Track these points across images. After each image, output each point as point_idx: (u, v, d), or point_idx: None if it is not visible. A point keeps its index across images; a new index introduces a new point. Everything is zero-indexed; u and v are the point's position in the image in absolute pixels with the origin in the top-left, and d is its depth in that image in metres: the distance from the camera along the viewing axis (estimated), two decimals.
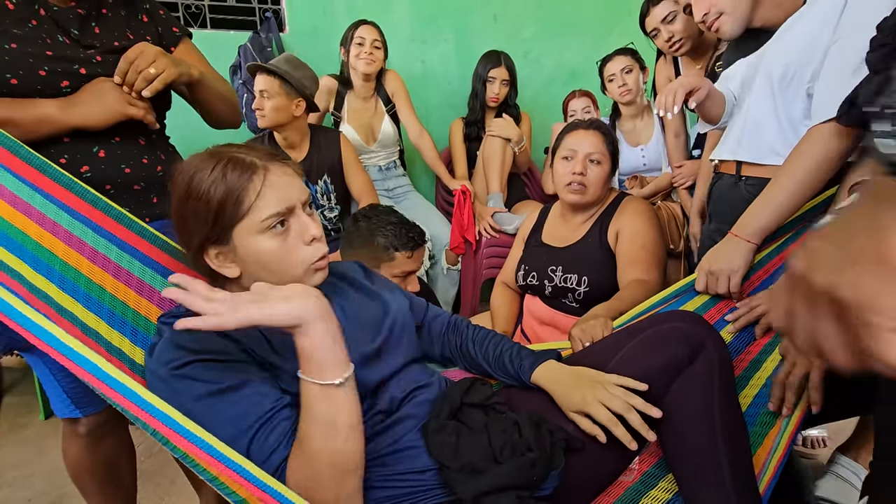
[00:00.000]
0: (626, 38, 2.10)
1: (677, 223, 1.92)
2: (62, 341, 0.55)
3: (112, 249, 0.84)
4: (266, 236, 0.70)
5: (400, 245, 1.29)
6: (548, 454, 0.71)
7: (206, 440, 0.54)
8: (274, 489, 0.54)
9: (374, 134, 2.20)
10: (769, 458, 0.81)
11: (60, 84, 0.89)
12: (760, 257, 1.04)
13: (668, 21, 1.73)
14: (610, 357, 0.82)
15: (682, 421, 0.76)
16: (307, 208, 0.75)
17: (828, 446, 1.53)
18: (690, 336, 0.79)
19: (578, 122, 1.41)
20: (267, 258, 0.71)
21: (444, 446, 0.70)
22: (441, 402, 0.77)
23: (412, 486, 0.70)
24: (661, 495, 0.80)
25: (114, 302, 0.80)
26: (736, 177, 1.15)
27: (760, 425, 0.88)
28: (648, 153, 2.11)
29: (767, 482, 0.78)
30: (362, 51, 2.07)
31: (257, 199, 0.69)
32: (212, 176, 0.68)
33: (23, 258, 0.74)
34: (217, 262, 0.72)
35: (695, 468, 0.74)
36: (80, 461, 1.04)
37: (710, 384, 0.76)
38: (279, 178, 0.71)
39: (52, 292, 0.74)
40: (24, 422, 1.81)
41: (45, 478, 1.51)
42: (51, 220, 0.79)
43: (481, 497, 0.66)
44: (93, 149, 0.93)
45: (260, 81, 1.76)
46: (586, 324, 1.01)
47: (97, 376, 0.55)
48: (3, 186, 0.76)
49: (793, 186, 0.96)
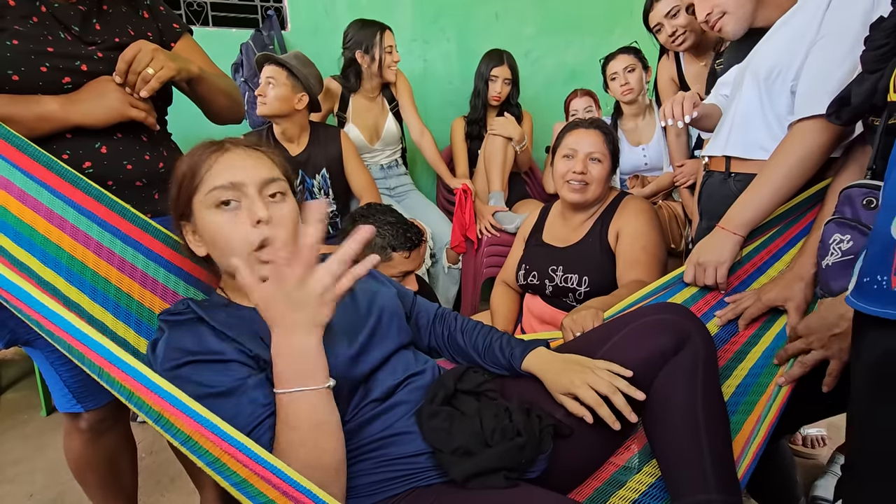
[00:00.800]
0: (627, 38, 2.10)
1: (678, 222, 1.93)
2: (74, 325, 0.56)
3: (117, 243, 0.86)
4: (216, 211, 0.72)
5: (397, 245, 1.29)
6: (536, 439, 0.74)
7: (210, 419, 0.55)
8: (275, 466, 0.55)
9: (378, 132, 2.20)
10: (748, 444, 0.84)
11: (62, 80, 0.90)
12: (748, 251, 1.08)
13: (672, 16, 1.74)
14: (599, 347, 0.85)
15: (665, 408, 0.79)
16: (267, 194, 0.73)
17: (827, 445, 1.53)
18: (676, 327, 0.81)
19: (579, 122, 1.41)
20: (214, 233, 0.72)
21: (439, 431, 0.73)
22: (435, 387, 0.79)
23: (406, 469, 0.72)
24: (645, 479, 0.83)
25: (119, 294, 0.83)
26: (725, 173, 1.16)
27: (742, 413, 0.91)
28: (650, 152, 2.11)
29: (746, 466, 0.81)
30: (391, 60, 2.08)
31: (208, 172, 0.73)
32: (183, 159, 0.76)
33: (32, 252, 0.76)
34: (193, 239, 0.77)
35: (676, 454, 0.76)
36: (81, 456, 1.04)
37: (695, 373, 0.79)
38: (237, 156, 0.74)
39: (60, 285, 0.77)
40: (25, 418, 1.82)
41: (47, 474, 1.51)
42: (58, 216, 0.80)
43: (472, 477, 0.69)
44: (95, 145, 0.94)
45: (267, 70, 1.78)
46: (578, 314, 1.04)
47: (107, 358, 0.56)
48: (11, 183, 0.78)
49: (777, 181, 0.99)
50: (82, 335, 0.56)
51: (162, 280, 0.89)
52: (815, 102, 0.94)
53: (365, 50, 2.06)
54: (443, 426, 0.73)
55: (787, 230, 1.07)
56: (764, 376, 0.95)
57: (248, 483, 0.56)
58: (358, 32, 2.06)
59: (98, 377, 0.59)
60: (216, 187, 0.71)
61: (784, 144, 1.00)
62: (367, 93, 2.17)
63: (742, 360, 0.99)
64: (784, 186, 0.99)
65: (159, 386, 0.55)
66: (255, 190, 0.72)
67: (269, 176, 0.74)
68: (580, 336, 0.97)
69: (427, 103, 2.40)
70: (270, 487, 0.56)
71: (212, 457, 0.56)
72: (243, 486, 0.57)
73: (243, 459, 0.55)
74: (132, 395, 0.57)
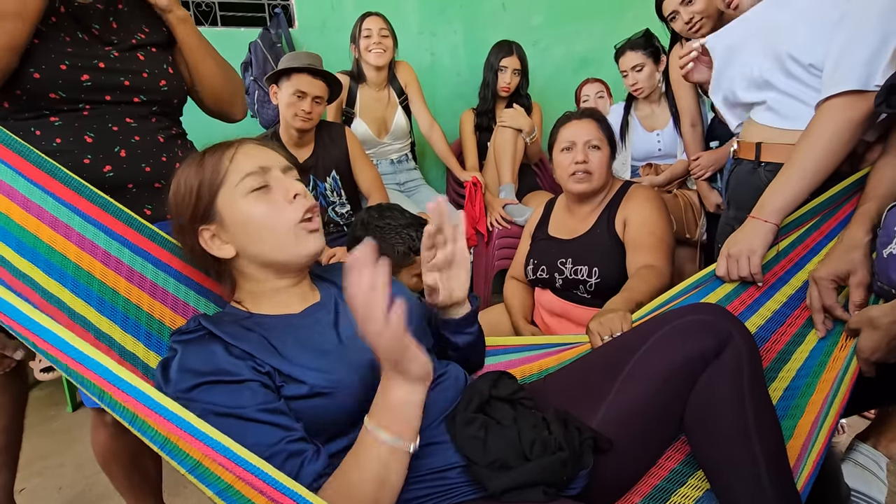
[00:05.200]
0: (638, 24, 2.06)
1: (694, 211, 1.90)
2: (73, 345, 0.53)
3: (125, 252, 0.83)
4: (249, 199, 0.71)
5: (419, 248, 1.29)
6: (577, 453, 0.70)
7: (223, 442, 0.52)
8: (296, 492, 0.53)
9: (387, 126, 2.20)
10: (807, 453, 0.78)
11: (81, 78, 0.92)
12: (784, 245, 1.02)
13: (688, 3, 1.70)
14: (634, 351, 0.80)
15: (711, 413, 0.74)
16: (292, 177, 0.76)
17: (846, 433, 1.51)
18: (716, 328, 0.76)
19: (571, 114, 1.42)
20: (255, 224, 0.72)
21: (474, 441, 0.69)
22: (469, 393, 0.75)
23: (436, 486, 0.68)
24: (691, 493, 0.77)
25: (127, 305, 0.79)
26: (755, 162, 1.13)
27: (791, 418, 0.85)
28: (664, 138, 2.08)
29: (807, 477, 0.75)
30: (371, 42, 2.07)
31: (231, 163, 0.72)
32: (193, 164, 0.74)
33: (35, 263, 0.73)
34: (213, 245, 0.74)
35: (727, 462, 0.71)
36: (107, 449, 1.07)
37: (740, 375, 0.74)
38: (254, 146, 0.76)
39: (66, 297, 0.74)
40: (52, 414, 1.88)
41: (75, 468, 1.56)
42: (63, 224, 0.78)
43: (510, 491, 0.66)
44: (114, 149, 0.96)
45: (315, 87, 1.73)
46: (604, 317, 0.98)
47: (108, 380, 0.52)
48: (15, 190, 0.76)
49: (809, 163, 0.94)
50: (81, 355, 0.53)
51: (172, 290, 0.85)
52: (842, 79, 0.90)
53: (352, 40, 2.09)
54: (478, 435, 0.69)
55: (824, 223, 1.01)
56: (813, 375, 0.89)
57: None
58: (353, 27, 2.10)
59: (100, 400, 0.54)
60: (248, 174, 0.72)
61: (813, 124, 0.95)
62: (374, 85, 2.17)
63: (787, 361, 0.93)
64: (816, 168, 0.94)
65: (166, 408, 0.52)
66: (280, 172, 0.75)
67: (287, 162, 0.77)
68: (611, 340, 0.92)
69: (435, 96, 2.40)
70: None
71: (224, 484, 0.53)
72: None
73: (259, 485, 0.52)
74: (136, 418, 0.53)
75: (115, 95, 0.97)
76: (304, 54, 1.87)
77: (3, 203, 0.74)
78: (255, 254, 0.74)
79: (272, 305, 0.76)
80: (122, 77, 0.96)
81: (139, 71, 0.99)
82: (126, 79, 0.97)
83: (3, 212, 0.74)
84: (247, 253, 0.74)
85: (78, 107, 0.94)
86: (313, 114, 1.74)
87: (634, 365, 0.78)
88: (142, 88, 0.99)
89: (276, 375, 0.66)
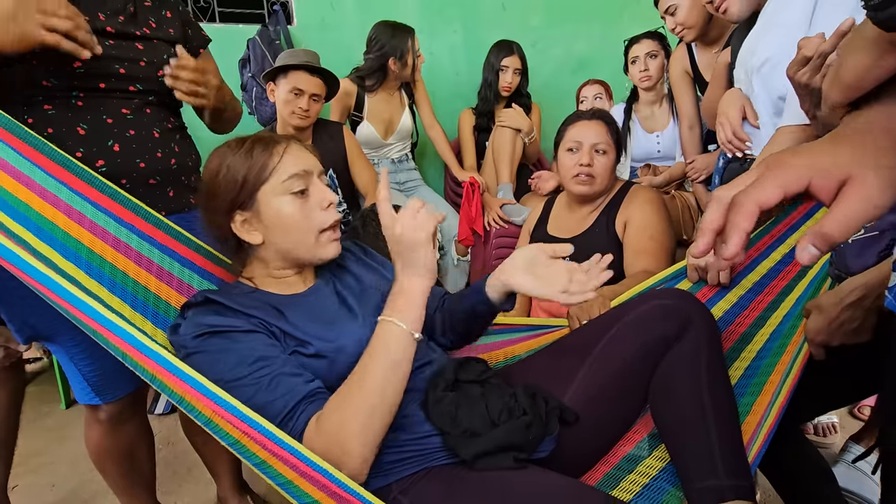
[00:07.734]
0: (635, 26, 2.08)
1: (691, 213, 1.91)
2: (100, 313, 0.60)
3: (133, 238, 0.89)
4: (288, 199, 0.78)
5: None
6: (542, 419, 0.76)
7: (230, 401, 0.58)
8: (294, 448, 0.58)
9: (393, 127, 2.20)
10: (759, 427, 0.83)
11: (73, 65, 0.89)
12: (753, 235, 1.05)
13: (671, 13, 1.74)
14: (603, 334, 0.86)
15: (670, 394, 0.79)
16: (324, 182, 0.83)
17: (838, 433, 1.52)
18: (678, 312, 0.82)
19: (581, 113, 1.41)
20: (288, 220, 0.78)
21: (444, 416, 0.75)
22: (436, 378, 0.80)
23: (417, 449, 0.74)
24: (656, 463, 0.83)
25: (136, 287, 0.87)
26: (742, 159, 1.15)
27: (751, 395, 0.90)
28: (664, 140, 2.09)
29: (757, 449, 0.81)
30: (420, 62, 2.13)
31: (279, 162, 0.78)
32: (240, 151, 0.80)
33: (53, 246, 0.80)
34: (242, 228, 0.80)
35: (684, 439, 0.77)
36: (101, 446, 1.07)
37: (698, 358, 0.79)
38: (298, 149, 0.82)
39: (81, 278, 0.80)
40: (46, 410, 1.87)
41: (68, 464, 1.55)
42: (77, 212, 0.84)
43: (481, 457, 0.71)
44: (108, 143, 0.95)
45: (313, 84, 1.73)
46: (585, 303, 1.02)
47: (130, 342, 0.59)
48: (34, 181, 0.82)
49: None
50: (107, 321, 0.60)
51: (177, 273, 0.92)
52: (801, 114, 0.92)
53: (398, 56, 2.05)
54: (448, 410, 0.75)
55: (787, 216, 1.07)
56: (773, 356, 0.94)
57: (267, 464, 0.60)
58: (391, 40, 2.05)
59: (123, 359, 0.64)
60: (293, 175, 0.78)
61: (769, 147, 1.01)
62: (388, 91, 2.17)
63: (749, 342, 0.99)
64: None
65: (180, 369, 0.59)
66: (317, 178, 0.82)
67: (321, 167, 0.84)
68: (586, 324, 0.97)
69: (434, 96, 2.40)
70: (288, 468, 0.58)
71: (232, 438, 0.60)
72: (264, 467, 0.61)
73: (261, 440, 0.58)
74: (154, 377, 0.61)
75: (110, 83, 0.95)
76: (302, 52, 1.86)
77: (23, 192, 0.80)
78: (279, 246, 0.81)
79: (278, 285, 0.83)
80: (116, 65, 0.95)
81: (136, 59, 0.97)
82: (122, 66, 0.95)
83: (24, 200, 0.79)
84: (271, 242, 0.80)
85: (71, 94, 0.92)
86: (310, 111, 1.74)
87: (603, 347, 0.84)
88: (138, 77, 0.98)
89: (283, 337, 0.74)
